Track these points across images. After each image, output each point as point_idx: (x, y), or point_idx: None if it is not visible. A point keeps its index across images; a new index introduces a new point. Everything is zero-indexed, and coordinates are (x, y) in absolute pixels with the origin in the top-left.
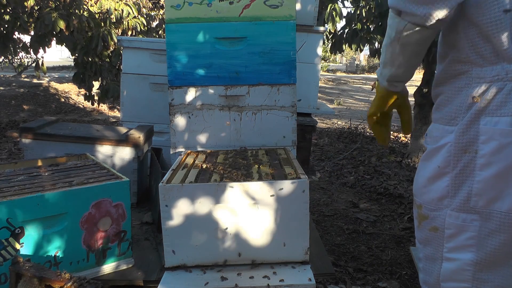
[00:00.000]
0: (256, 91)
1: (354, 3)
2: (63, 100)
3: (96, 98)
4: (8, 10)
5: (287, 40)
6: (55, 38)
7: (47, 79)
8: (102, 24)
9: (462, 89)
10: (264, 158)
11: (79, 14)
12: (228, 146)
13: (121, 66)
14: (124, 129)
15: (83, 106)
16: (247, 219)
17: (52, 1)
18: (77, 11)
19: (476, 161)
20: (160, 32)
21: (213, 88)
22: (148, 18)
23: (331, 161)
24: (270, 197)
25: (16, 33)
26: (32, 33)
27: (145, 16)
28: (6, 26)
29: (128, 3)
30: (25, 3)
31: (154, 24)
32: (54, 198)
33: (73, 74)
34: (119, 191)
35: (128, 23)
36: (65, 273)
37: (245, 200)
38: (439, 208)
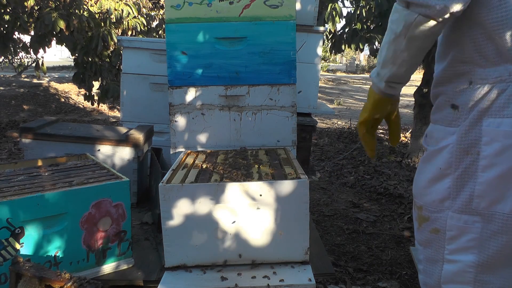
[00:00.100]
0: (256, 91)
1: (354, 3)
2: (63, 100)
3: (96, 98)
4: (8, 10)
5: (287, 40)
6: (55, 38)
7: (47, 79)
8: (102, 24)
9: (463, 90)
10: (264, 158)
11: (79, 14)
12: (228, 146)
13: (121, 66)
14: (124, 129)
15: (83, 106)
16: (247, 219)
17: (52, 1)
18: (77, 11)
19: (479, 163)
20: (160, 32)
21: (213, 88)
22: (148, 18)
23: (331, 161)
24: (270, 197)
25: (16, 33)
26: (32, 33)
27: (145, 16)
28: (6, 26)
29: (128, 3)
30: (25, 3)
31: (154, 24)
32: (54, 198)
33: (73, 74)
34: (119, 191)
35: (128, 23)
36: (65, 273)
37: (245, 200)
38: (440, 210)
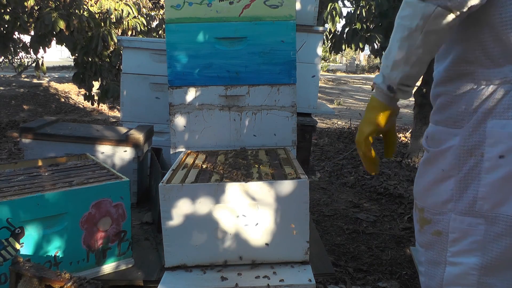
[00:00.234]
0: (256, 91)
1: (354, 2)
2: (63, 100)
3: (96, 98)
4: (8, 10)
5: (287, 40)
6: (55, 38)
7: (47, 79)
8: (102, 24)
9: (466, 90)
10: (264, 158)
11: (79, 14)
12: (228, 146)
13: (121, 66)
14: (124, 129)
15: (83, 106)
16: (247, 219)
17: (52, 1)
18: (77, 11)
19: (482, 165)
20: (160, 32)
21: (213, 88)
22: (148, 18)
23: (331, 161)
24: (270, 197)
25: (16, 33)
26: (32, 33)
27: (145, 16)
28: (6, 26)
29: (128, 3)
30: (25, 3)
31: (154, 24)
32: (54, 198)
33: (73, 74)
34: (119, 191)
35: (128, 23)
36: (65, 273)
37: (245, 200)
38: (442, 212)
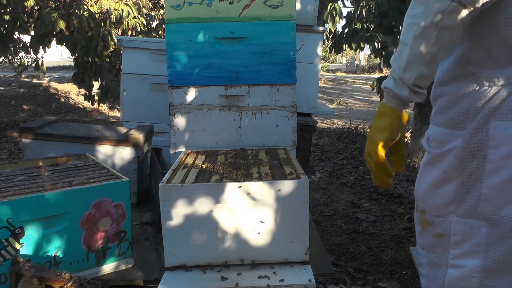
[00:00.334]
0: (256, 91)
1: (355, 2)
2: (63, 100)
3: (96, 98)
4: (8, 10)
5: (287, 40)
6: (55, 38)
7: (47, 79)
8: (102, 24)
9: (469, 91)
10: (264, 158)
11: (79, 14)
12: (228, 146)
13: (121, 66)
14: (124, 129)
15: (83, 106)
16: (247, 219)
17: (52, 1)
18: (77, 11)
19: (485, 166)
20: (160, 32)
21: (213, 88)
22: (148, 18)
23: (331, 161)
24: (270, 197)
25: (16, 33)
26: (32, 33)
27: (145, 16)
28: (6, 26)
29: (128, 3)
30: (25, 3)
31: (154, 24)
32: (54, 198)
33: (72, 74)
34: (119, 191)
35: (128, 23)
36: (65, 273)
37: (245, 200)
38: (444, 214)
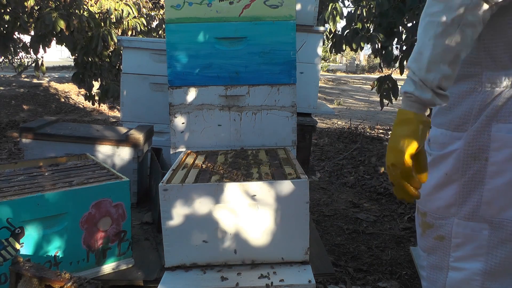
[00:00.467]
0: (256, 91)
1: (355, 2)
2: (63, 100)
3: (96, 98)
4: (8, 10)
5: (287, 40)
6: (55, 38)
7: (47, 79)
8: (102, 24)
9: (470, 93)
10: (264, 158)
11: (79, 14)
12: (228, 146)
13: (121, 66)
14: (124, 129)
15: (83, 106)
16: (247, 219)
17: (52, 1)
18: (77, 11)
19: (487, 169)
20: (160, 32)
21: (213, 88)
22: (148, 18)
23: (331, 161)
24: (270, 197)
25: (16, 33)
26: (32, 33)
27: (145, 16)
28: (6, 26)
29: (128, 3)
30: (25, 3)
31: (154, 24)
32: (54, 198)
33: (72, 74)
34: (119, 191)
35: (128, 23)
36: (65, 273)
37: (245, 200)
38: (445, 217)
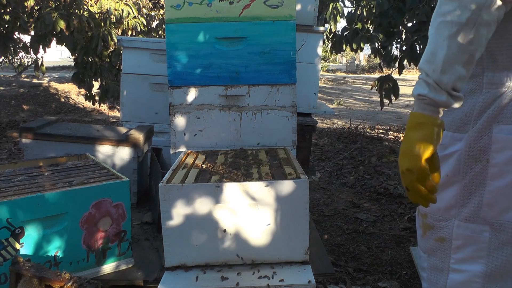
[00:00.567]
0: (256, 91)
1: (355, 2)
2: (63, 100)
3: (96, 98)
4: (8, 10)
5: (287, 40)
6: (55, 38)
7: (47, 79)
8: (102, 24)
9: (471, 94)
10: (264, 158)
11: (79, 14)
12: (228, 146)
13: (121, 66)
14: (124, 129)
15: (83, 106)
16: (247, 219)
17: (52, 1)
18: (77, 11)
19: (488, 170)
20: (160, 32)
21: (213, 88)
22: (148, 18)
23: (331, 161)
24: (270, 197)
25: (16, 33)
26: (32, 33)
27: (145, 16)
28: (6, 26)
29: (128, 3)
30: (25, 3)
31: (154, 24)
32: (54, 198)
33: (72, 74)
34: (119, 191)
35: (128, 23)
36: (65, 273)
37: (245, 200)
38: (446, 218)
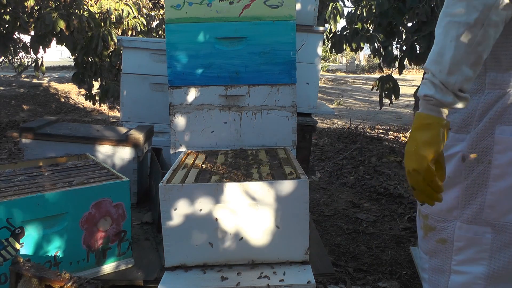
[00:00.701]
0: (256, 91)
1: (355, 2)
2: (63, 100)
3: (96, 98)
4: (8, 10)
5: (287, 40)
6: (55, 38)
7: (47, 79)
8: (102, 24)
9: (473, 94)
10: (264, 158)
11: (79, 14)
12: (228, 146)
13: (121, 66)
14: (124, 129)
15: (83, 106)
16: (247, 219)
17: (52, 1)
18: (77, 11)
19: (490, 172)
20: (160, 32)
21: (213, 88)
22: (148, 18)
23: (331, 161)
24: (270, 197)
25: (16, 33)
26: (32, 33)
27: (145, 16)
28: (6, 26)
29: (128, 3)
30: (25, 3)
31: (154, 24)
32: (54, 198)
33: (72, 74)
34: (119, 191)
35: (128, 23)
36: (65, 273)
37: (245, 200)
38: (447, 220)
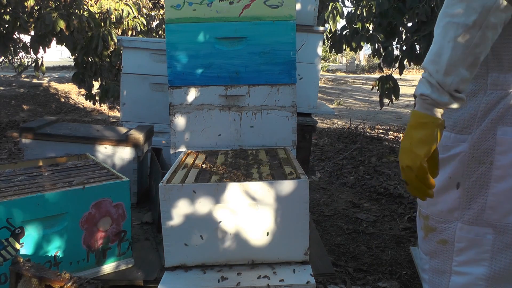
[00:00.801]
0: (256, 91)
1: (355, 2)
2: (63, 100)
3: (97, 98)
4: (8, 10)
5: (287, 40)
6: (55, 38)
7: (47, 79)
8: (102, 24)
9: (475, 94)
10: (264, 158)
11: (79, 14)
12: (228, 146)
13: (121, 66)
14: (124, 129)
15: (83, 106)
16: (247, 219)
17: (52, 1)
18: (77, 11)
19: (492, 173)
20: (160, 32)
21: (213, 88)
22: (148, 18)
23: (331, 161)
24: (270, 197)
25: (16, 33)
26: (32, 33)
27: (145, 16)
28: (6, 26)
29: (128, 3)
30: (25, 3)
31: (154, 24)
32: (54, 198)
33: (72, 74)
34: (119, 191)
35: (128, 23)
36: (65, 273)
37: (245, 200)
38: (448, 221)
